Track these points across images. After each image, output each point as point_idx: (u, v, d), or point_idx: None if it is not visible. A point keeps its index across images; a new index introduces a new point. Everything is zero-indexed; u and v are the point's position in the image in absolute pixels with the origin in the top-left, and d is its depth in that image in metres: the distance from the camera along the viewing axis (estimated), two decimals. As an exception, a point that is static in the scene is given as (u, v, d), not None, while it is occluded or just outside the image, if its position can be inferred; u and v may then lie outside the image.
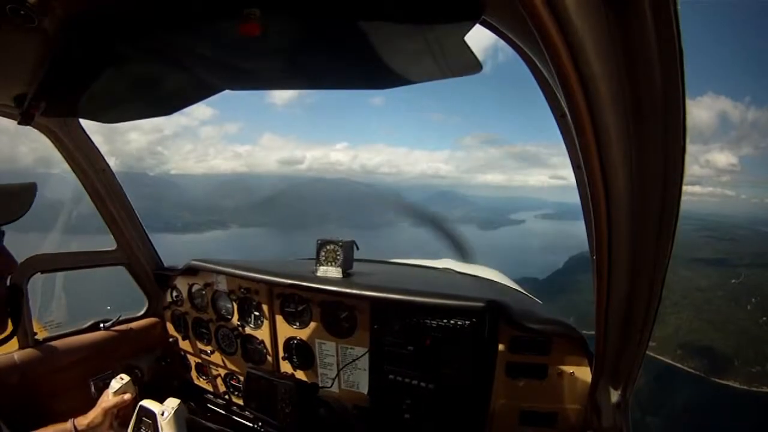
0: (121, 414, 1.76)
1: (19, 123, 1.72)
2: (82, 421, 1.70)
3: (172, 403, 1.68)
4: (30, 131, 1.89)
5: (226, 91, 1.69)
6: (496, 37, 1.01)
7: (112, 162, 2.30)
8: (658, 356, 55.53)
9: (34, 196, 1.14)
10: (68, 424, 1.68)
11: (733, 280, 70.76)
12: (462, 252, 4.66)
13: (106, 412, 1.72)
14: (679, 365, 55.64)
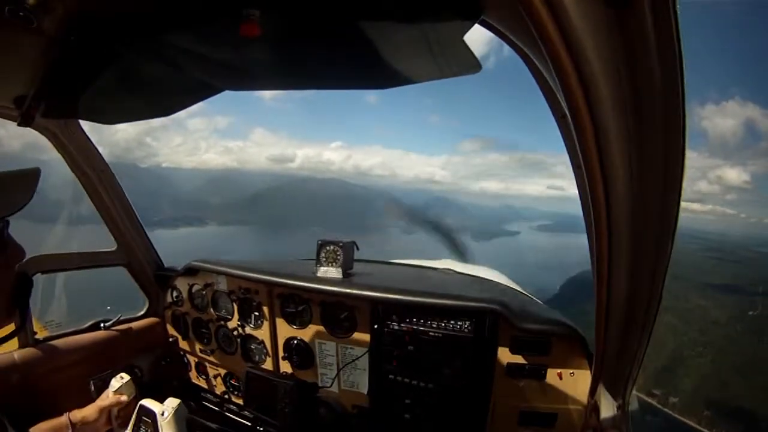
0: (121, 414, 1.78)
1: (19, 124, 1.72)
2: (77, 414, 1.74)
3: (173, 403, 1.68)
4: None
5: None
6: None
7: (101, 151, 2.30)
8: (684, 419, 48.63)
9: (36, 183, 1.06)
10: (64, 417, 1.72)
11: (750, 312, 64.99)
12: (460, 253, 4.70)
13: (102, 410, 1.75)
14: (706, 432, 46.56)
